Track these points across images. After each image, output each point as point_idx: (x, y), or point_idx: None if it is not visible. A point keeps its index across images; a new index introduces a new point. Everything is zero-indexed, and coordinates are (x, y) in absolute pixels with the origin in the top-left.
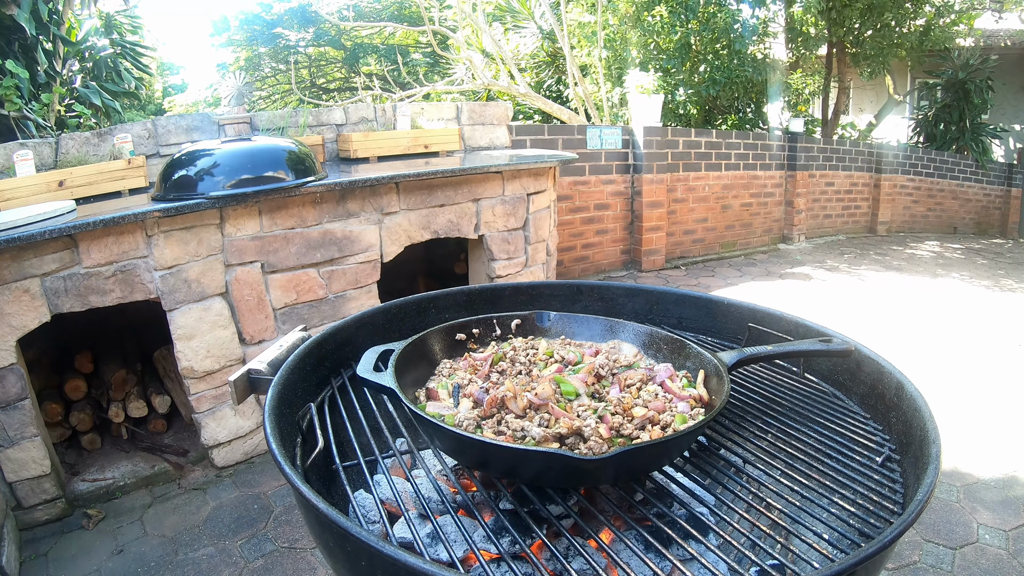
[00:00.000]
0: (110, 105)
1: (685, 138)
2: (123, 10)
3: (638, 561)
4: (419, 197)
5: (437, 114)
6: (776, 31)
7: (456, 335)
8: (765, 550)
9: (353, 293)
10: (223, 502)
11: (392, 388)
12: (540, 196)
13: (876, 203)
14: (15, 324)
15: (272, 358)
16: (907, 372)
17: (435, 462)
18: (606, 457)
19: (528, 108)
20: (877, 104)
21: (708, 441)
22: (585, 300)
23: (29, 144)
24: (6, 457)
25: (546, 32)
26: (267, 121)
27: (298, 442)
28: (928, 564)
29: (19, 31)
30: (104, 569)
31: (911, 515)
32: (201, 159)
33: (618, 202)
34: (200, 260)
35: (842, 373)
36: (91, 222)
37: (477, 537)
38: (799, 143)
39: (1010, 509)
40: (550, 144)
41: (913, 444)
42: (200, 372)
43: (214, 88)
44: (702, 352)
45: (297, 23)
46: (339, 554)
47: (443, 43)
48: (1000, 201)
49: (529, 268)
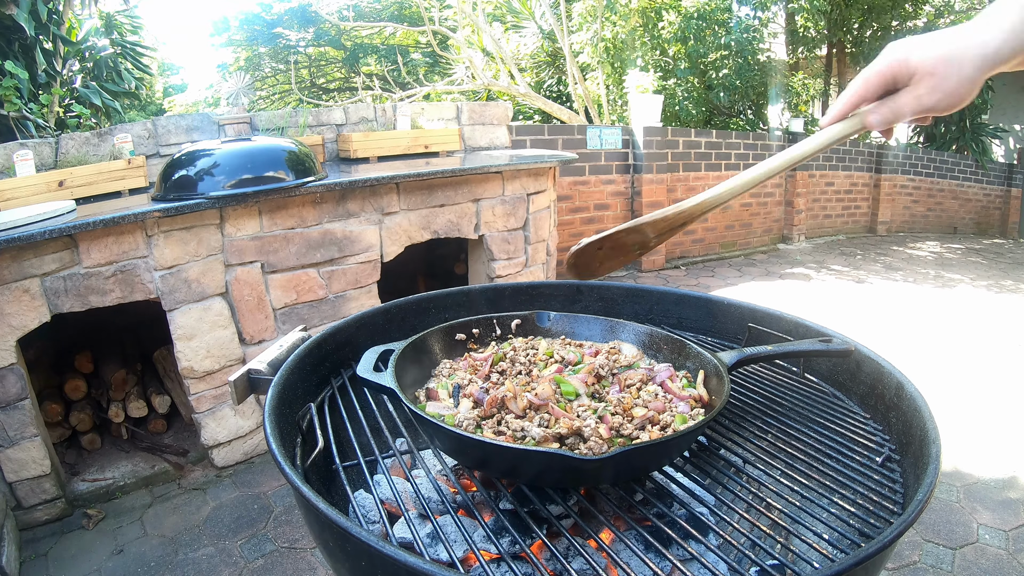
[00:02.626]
0: (110, 105)
1: (685, 138)
2: (123, 10)
3: (638, 561)
4: (419, 197)
5: (437, 114)
6: (776, 31)
7: (456, 335)
8: (765, 550)
9: (353, 293)
10: (223, 502)
11: (392, 388)
12: (540, 196)
13: (876, 203)
14: (15, 324)
15: (272, 358)
16: (907, 372)
17: (435, 462)
18: (606, 457)
19: (528, 108)
20: None
21: (708, 441)
22: (585, 300)
23: (29, 144)
24: (6, 457)
25: (546, 32)
26: (267, 121)
27: (298, 442)
28: (928, 564)
29: (19, 31)
30: (104, 569)
31: (911, 515)
32: (201, 159)
33: (618, 202)
34: (200, 260)
35: (842, 373)
36: (91, 222)
37: (477, 537)
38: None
39: (1010, 509)
40: (550, 144)
41: (913, 444)
42: (200, 372)
43: (214, 88)
44: (702, 352)
45: (297, 23)
46: (339, 554)
47: (443, 43)
48: (1000, 201)
49: (529, 268)
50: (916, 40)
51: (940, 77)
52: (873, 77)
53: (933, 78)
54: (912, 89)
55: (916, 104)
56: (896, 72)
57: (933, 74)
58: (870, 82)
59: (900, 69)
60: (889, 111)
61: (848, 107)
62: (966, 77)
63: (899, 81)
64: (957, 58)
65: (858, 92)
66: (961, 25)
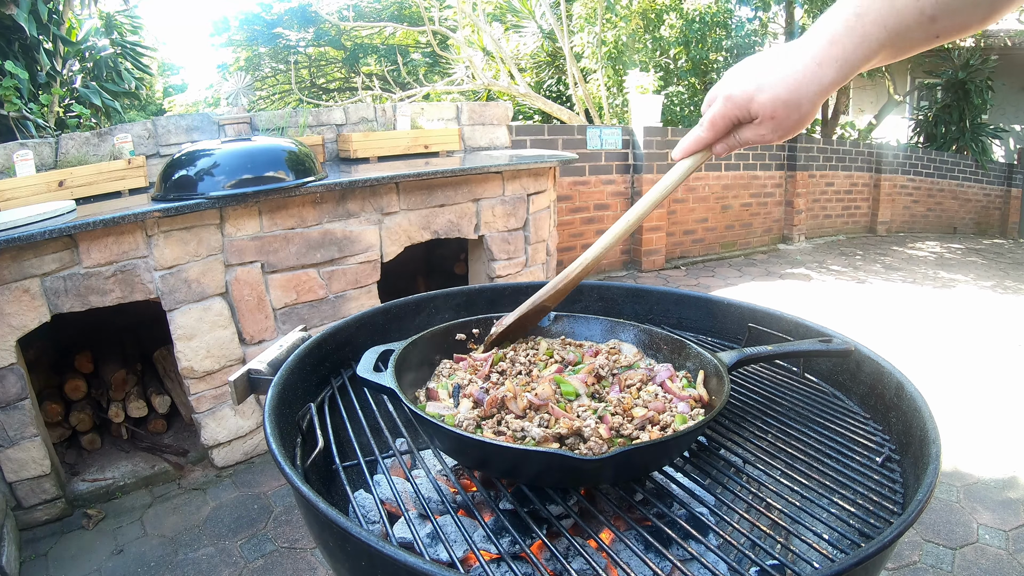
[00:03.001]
0: (110, 105)
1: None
2: (123, 10)
3: (638, 561)
4: (419, 197)
5: (437, 114)
6: (776, 31)
7: (456, 335)
8: (765, 550)
9: (353, 293)
10: (223, 502)
11: (392, 388)
12: (540, 196)
13: (876, 203)
14: (15, 324)
15: (272, 358)
16: (907, 372)
17: (435, 462)
18: (606, 457)
19: (528, 108)
20: (877, 104)
21: (708, 441)
22: (585, 300)
23: (29, 144)
24: (6, 457)
25: (546, 32)
26: (267, 121)
27: (298, 442)
28: (928, 564)
29: (19, 31)
30: (104, 569)
31: (911, 515)
32: (201, 159)
33: (618, 202)
34: (200, 260)
35: (842, 373)
36: (91, 222)
37: (477, 537)
38: (799, 143)
39: (1010, 509)
40: (550, 144)
41: (913, 444)
42: (200, 372)
43: (214, 88)
44: (702, 352)
45: (297, 23)
46: (339, 554)
47: (443, 43)
48: (1000, 201)
49: (529, 268)
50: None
51: (780, 119)
52: (720, 122)
53: (774, 120)
54: (754, 128)
55: (758, 139)
56: (740, 116)
57: (774, 117)
58: (717, 126)
59: (742, 113)
60: (735, 141)
61: (699, 145)
62: (805, 113)
63: (742, 121)
64: (795, 101)
65: (705, 137)
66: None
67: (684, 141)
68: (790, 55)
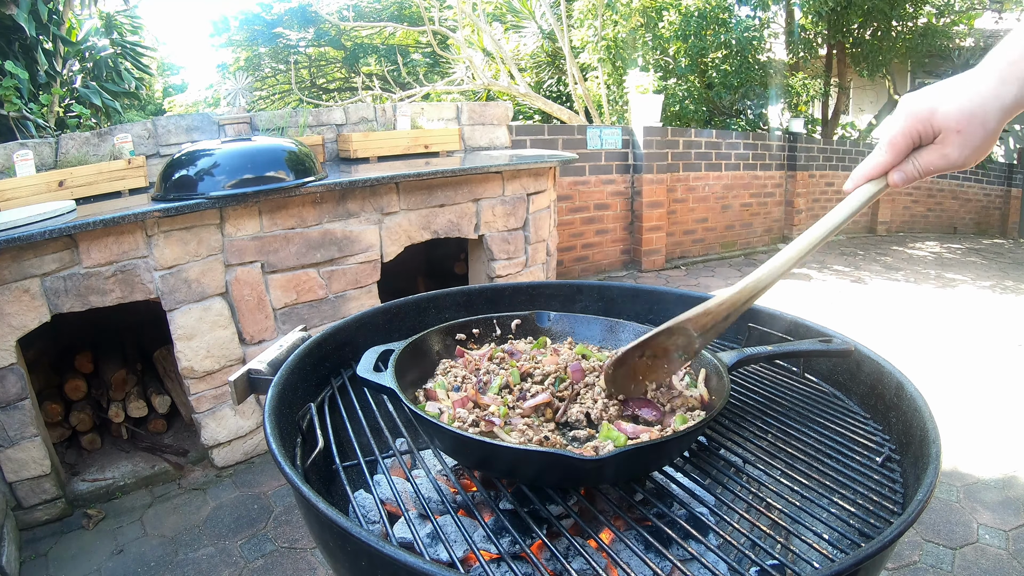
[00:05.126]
0: (110, 105)
1: (685, 138)
2: (123, 10)
3: (638, 561)
4: (419, 197)
5: (437, 114)
6: (776, 31)
7: (456, 335)
8: (765, 550)
9: (353, 293)
10: (223, 502)
11: (392, 388)
12: (540, 196)
13: (876, 203)
14: (15, 324)
15: (272, 358)
16: (907, 372)
17: (435, 462)
18: (606, 457)
19: (528, 108)
20: (877, 104)
21: (708, 441)
22: (585, 300)
23: (29, 144)
24: (6, 457)
25: (546, 32)
26: (267, 121)
27: (298, 442)
28: (928, 564)
29: (19, 31)
30: (104, 569)
31: (911, 515)
32: (201, 159)
33: (618, 202)
34: (200, 260)
35: (842, 373)
36: (91, 222)
37: (477, 537)
38: (799, 143)
39: (1010, 509)
40: (550, 144)
41: (913, 444)
42: (200, 372)
43: (214, 88)
44: (702, 352)
45: (297, 23)
46: (339, 554)
47: (443, 43)
48: (1000, 201)
49: (529, 268)
50: (935, 94)
51: (967, 135)
52: (900, 140)
53: (960, 136)
54: (938, 147)
55: (943, 162)
56: (921, 131)
57: (960, 132)
58: (898, 146)
59: (925, 128)
60: (915, 170)
61: (877, 171)
62: (991, 131)
63: (924, 139)
64: (981, 115)
65: (885, 161)
66: (971, 75)
67: (859, 168)
68: (971, 75)
